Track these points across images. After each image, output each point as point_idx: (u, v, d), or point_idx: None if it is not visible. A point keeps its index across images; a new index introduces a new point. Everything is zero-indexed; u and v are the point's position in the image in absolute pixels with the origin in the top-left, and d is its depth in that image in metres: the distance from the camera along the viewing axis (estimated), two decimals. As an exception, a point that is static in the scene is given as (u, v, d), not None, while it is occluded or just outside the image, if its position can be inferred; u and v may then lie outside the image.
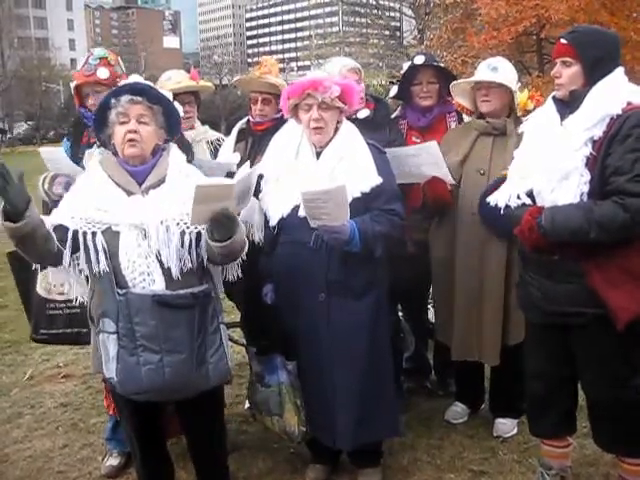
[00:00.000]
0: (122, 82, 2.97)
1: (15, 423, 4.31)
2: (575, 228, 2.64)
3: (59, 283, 3.36)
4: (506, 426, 3.88)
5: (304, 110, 3.15)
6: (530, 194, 2.84)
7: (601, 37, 2.84)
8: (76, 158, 3.50)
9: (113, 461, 3.69)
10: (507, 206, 2.90)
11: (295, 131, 3.30)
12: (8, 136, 49.91)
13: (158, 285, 2.65)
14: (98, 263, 2.64)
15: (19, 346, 5.68)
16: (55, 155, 3.40)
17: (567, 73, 2.80)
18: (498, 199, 2.96)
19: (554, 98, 2.91)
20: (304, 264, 3.14)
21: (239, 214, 2.99)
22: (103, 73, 3.46)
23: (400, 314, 4.36)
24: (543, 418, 3.10)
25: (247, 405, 3.95)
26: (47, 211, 3.46)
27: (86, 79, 3.48)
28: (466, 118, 4.00)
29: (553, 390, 3.02)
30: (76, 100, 3.61)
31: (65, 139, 3.73)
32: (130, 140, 2.71)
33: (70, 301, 3.35)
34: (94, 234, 2.66)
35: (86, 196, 2.73)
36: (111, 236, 2.67)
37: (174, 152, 2.90)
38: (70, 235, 2.66)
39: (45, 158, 3.39)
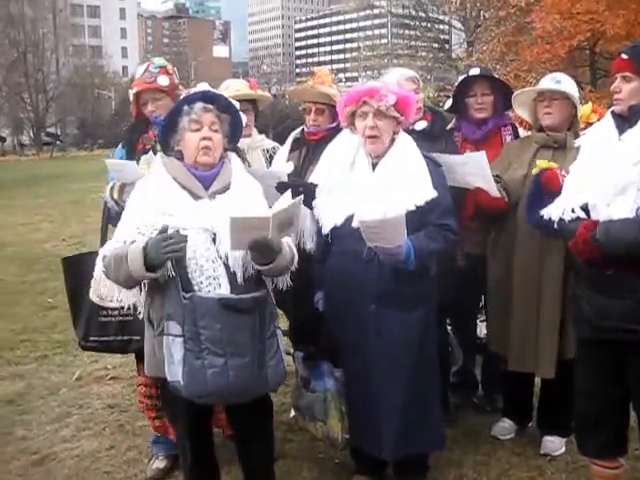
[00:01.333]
0: (190, 90, 2.99)
1: (64, 422, 4.37)
2: (630, 241, 2.57)
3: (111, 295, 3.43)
4: (554, 444, 3.80)
5: (361, 118, 3.16)
6: (585, 208, 2.78)
7: None
8: None
9: (159, 464, 3.71)
10: (561, 219, 2.84)
11: (352, 141, 3.30)
12: (60, 140, 50.94)
13: (223, 289, 2.69)
14: (165, 267, 2.66)
15: (68, 346, 5.74)
16: (123, 166, 3.43)
17: (627, 88, 2.77)
18: (552, 212, 2.91)
19: (613, 113, 2.88)
20: (356, 275, 3.13)
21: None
22: (164, 80, 3.52)
23: (449, 328, 4.32)
24: (592, 437, 3.02)
25: (292, 414, 3.95)
26: (109, 217, 3.52)
27: (147, 85, 3.53)
28: (522, 132, 3.95)
29: (602, 408, 2.93)
30: (134, 107, 3.66)
31: (120, 146, 3.77)
32: (205, 147, 2.78)
33: (123, 308, 3.41)
34: None
35: (150, 200, 2.77)
36: None
37: (235, 160, 2.98)
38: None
39: (111, 169, 3.43)
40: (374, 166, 3.20)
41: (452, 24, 33.39)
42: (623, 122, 2.80)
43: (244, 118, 3.01)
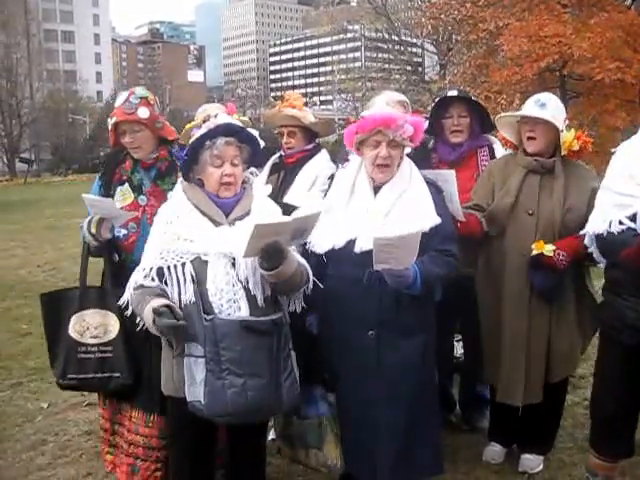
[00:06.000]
0: (210, 120, 3.03)
1: (39, 450, 4.32)
2: None
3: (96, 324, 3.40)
4: (532, 462, 3.82)
5: (371, 146, 3.08)
6: (632, 218, 2.92)
7: None
8: (107, 195, 3.56)
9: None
10: (605, 234, 2.99)
11: (353, 164, 3.27)
12: (35, 167, 50.56)
13: (243, 312, 2.78)
14: (185, 292, 2.76)
15: (44, 373, 5.67)
16: (99, 202, 3.43)
17: None
18: (595, 228, 3.04)
19: None
20: (355, 300, 3.06)
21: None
22: (144, 112, 3.48)
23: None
24: (620, 440, 3.23)
25: (271, 436, 3.94)
26: (88, 250, 3.51)
27: (127, 117, 3.48)
28: (502, 151, 3.97)
29: (632, 411, 3.19)
30: (112, 136, 3.62)
31: (97, 177, 3.74)
32: (226, 183, 2.87)
33: (104, 344, 3.39)
34: (183, 265, 2.80)
35: (171, 227, 2.86)
36: (199, 264, 2.80)
37: (257, 185, 3.07)
38: (171, 273, 2.80)
39: (89, 204, 3.42)
40: (376, 190, 3.15)
41: (425, 47, 33.77)
42: None
43: (262, 143, 3.07)
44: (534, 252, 3.40)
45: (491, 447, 4.00)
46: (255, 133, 3.03)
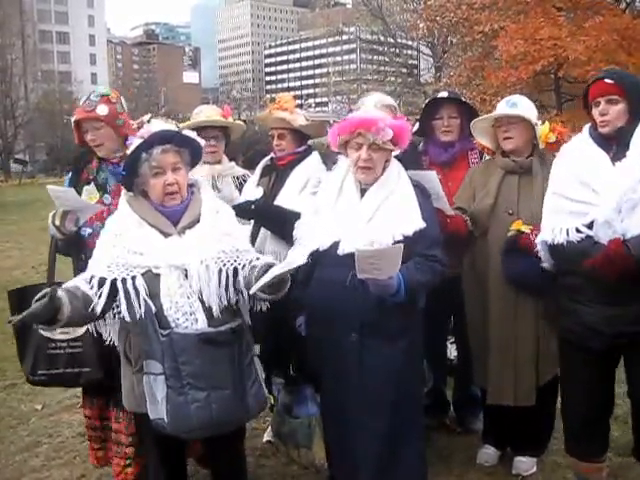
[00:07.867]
0: (144, 128, 2.95)
1: (33, 452, 4.31)
2: None
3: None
4: (526, 464, 3.82)
5: (353, 148, 3.07)
6: (590, 226, 2.91)
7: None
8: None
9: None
10: (568, 242, 2.97)
11: (341, 165, 3.26)
12: (30, 168, 50.44)
13: (200, 324, 2.69)
14: (139, 306, 2.67)
15: (38, 375, 5.68)
16: (63, 193, 3.39)
17: (614, 110, 2.96)
18: (555, 237, 3.02)
19: (592, 135, 3.04)
20: (338, 303, 3.02)
21: None
22: (102, 110, 3.44)
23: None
24: (592, 441, 3.22)
25: (265, 439, 3.94)
26: (56, 246, 3.52)
27: (86, 115, 3.46)
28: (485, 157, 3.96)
29: (603, 412, 3.18)
30: (76, 135, 3.60)
31: (68, 173, 3.72)
32: (170, 192, 2.77)
33: (73, 340, 3.34)
34: (134, 278, 2.69)
35: (120, 240, 2.76)
36: (151, 278, 2.70)
37: (205, 189, 2.96)
38: (108, 284, 2.69)
39: (53, 196, 3.37)
40: (362, 192, 3.14)
41: (420, 49, 33.90)
42: (607, 143, 2.97)
43: (202, 142, 2.96)
44: (511, 232, 3.38)
45: (485, 450, 3.99)
46: (192, 134, 2.93)
